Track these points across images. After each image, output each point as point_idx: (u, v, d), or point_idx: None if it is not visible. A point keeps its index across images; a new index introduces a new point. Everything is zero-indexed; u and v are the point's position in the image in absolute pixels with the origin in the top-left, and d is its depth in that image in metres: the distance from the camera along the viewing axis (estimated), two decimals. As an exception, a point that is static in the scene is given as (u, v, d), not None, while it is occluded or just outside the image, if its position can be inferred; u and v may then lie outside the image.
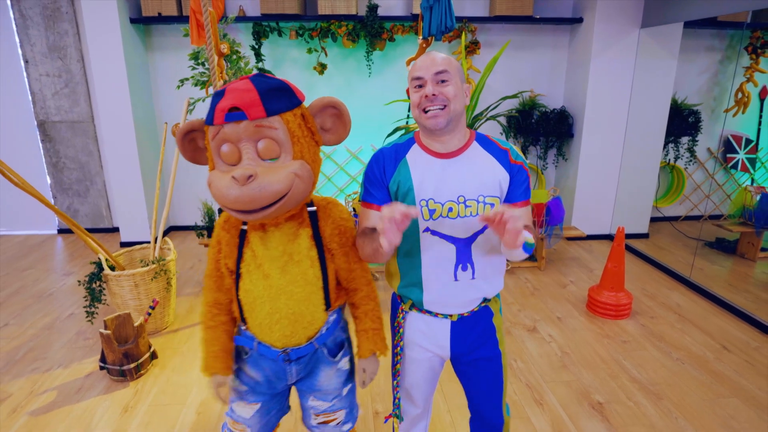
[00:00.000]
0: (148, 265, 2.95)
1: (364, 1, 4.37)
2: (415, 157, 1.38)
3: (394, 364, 1.56)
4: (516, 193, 1.39)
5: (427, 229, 1.36)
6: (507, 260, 1.46)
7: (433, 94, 1.28)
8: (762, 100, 4.98)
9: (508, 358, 2.61)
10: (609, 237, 4.82)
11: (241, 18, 4.23)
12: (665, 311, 3.36)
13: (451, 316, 1.44)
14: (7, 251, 4.55)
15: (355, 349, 1.53)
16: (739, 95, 4.87)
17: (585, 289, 3.64)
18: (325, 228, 1.36)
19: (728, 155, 5.15)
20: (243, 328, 1.43)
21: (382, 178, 1.40)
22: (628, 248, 4.56)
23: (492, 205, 1.34)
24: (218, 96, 1.18)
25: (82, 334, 3.07)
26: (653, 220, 5.08)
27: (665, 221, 5.26)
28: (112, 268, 2.92)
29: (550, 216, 3.78)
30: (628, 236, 4.78)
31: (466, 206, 1.33)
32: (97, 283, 2.88)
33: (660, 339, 3.01)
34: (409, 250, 1.41)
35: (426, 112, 1.31)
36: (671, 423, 2.28)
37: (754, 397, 2.46)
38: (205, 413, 2.35)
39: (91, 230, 5.02)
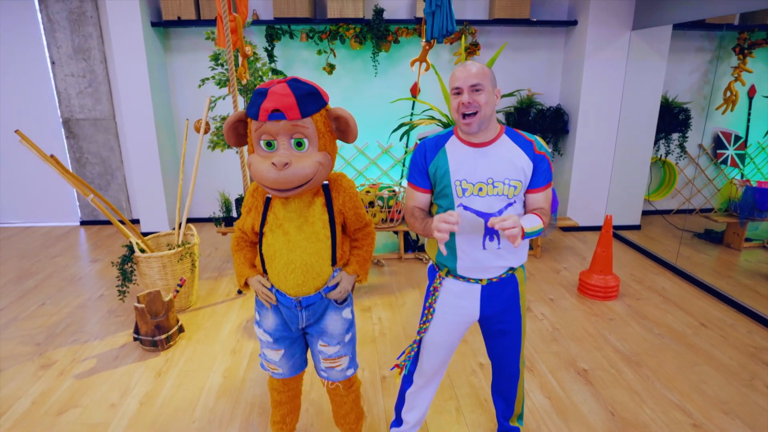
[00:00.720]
0: (174, 248, 3.23)
1: (371, 5, 4.65)
2: (452, 146, 1.67)
3: (423, 322, 1.82)
4: (539, 179, 1.66)
5: (460, 205, 1.64)
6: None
7: (469, 102, 1.56)
8: (750, 99, 5.21)
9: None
10: (601, 228, 5.07)
11: (255, 21, 4.51)
12: (651, 294, 3.62)
13: (481, 280, 1.72)
14: (35, 241, 4.84)
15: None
16: (728, 94, 5.11)
17: (577, 275, 3.90)
18: (336, 197, 1.66)
19: (718, 151, 5.39)
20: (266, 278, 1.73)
21: (424, 164, 1.70)
22: (621, 239, 4.82)
23: (515, 187, 1.61)
24: (261, 96, 1.45)
25: (114, 312, 3.35)
26: (646, 213, 5.34)
27: (658, 214, 5.51)
28: (142, 252, 3.20)
29: (544, 206, 4.04)
30: (621, 227, 5.04)
31: (494, 187, 1.61)
32: (129, 264, 3.16)
33: (644, 317, 3.27)
34: None
35: (463, 117, 1.59)
36: (648, 386, 2.54)
37: (725, 365, 2.72)
38: (230, 377, 2.62)
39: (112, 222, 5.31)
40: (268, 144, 1.50)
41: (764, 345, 2.93)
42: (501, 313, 1.77)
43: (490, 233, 1.64)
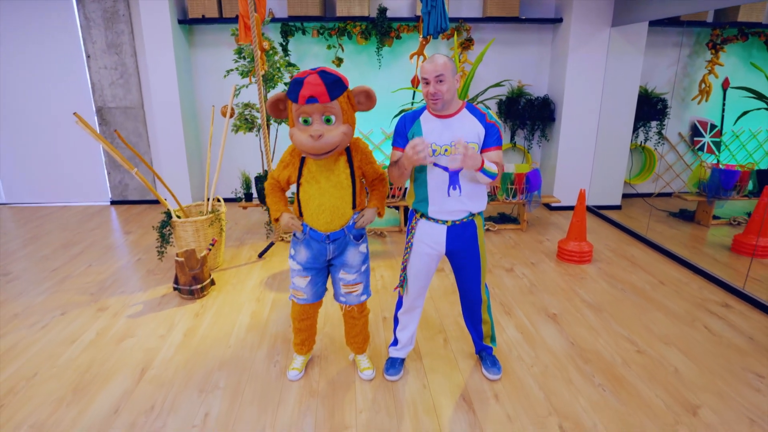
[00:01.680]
0: (205, 215, 3.75)
1: (376, 4, 5.15)
2: (425, 118, 2.19)
3: (406, 254, 2.35)
4: (490, 141, 2.17)
5: (432, 162, 2.14)
6: (488, 197, 2.24)
7: (434, 92, 2.08)
8: (724, 90, 5.68)
9: (487, 265, 3.35)
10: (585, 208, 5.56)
11: (272, 19, 5.02)
12: (621, 259, 4.12)
13: (446, 222, 2.23)
14: (72, 217, 5.38)
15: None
16: (703, 85, 5.58)
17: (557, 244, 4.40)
18: (355, 155, 2.18)
19: (695, 138, 5.86)
20: (300, 219, 2.24)
21: (404, 130, 2.22)
22: (602, 216, 5.31)
23: (473, 148, 2.10)
24: (299, 84, 1.94)
25: (152, 272, 3.88)
26: (629, 196, 5.82)
27: (639, 197, 5.99)
28: (178, 218, 3.72)
29: (529, 184, 4.54)
30: (603, 207, 5.53)
31: (455, 147, 2.11)
32: (167, 228, 3.68)
33: (611, 277, 3.77)
34: (420, 178, 2.21)
35: (430, 100, 2.11)
36: (605, 325, 3.05)
37: (673, 312, 3.22)
38: (256, 317, 3.15)
39: (139, 202, 5.86)
40: (305, 121, 2.00)
41: (710, 298, 3.42)
42: (462, 249, 2.28)
43: (454, 183, 2.14)
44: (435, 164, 2.15)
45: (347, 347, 2.65)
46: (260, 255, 4.15)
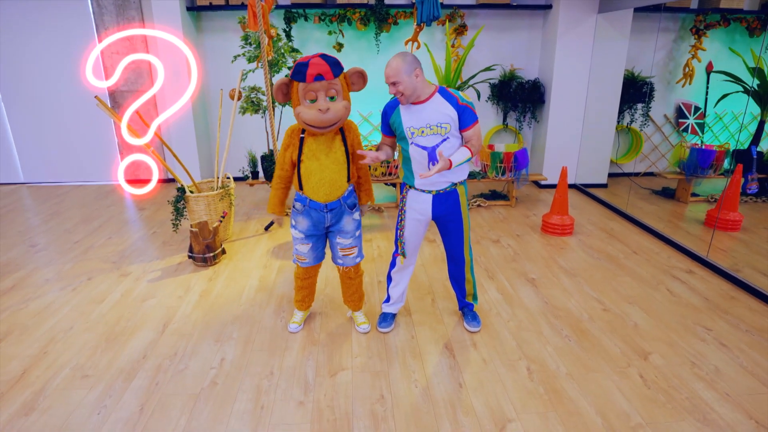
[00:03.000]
0: (216, 190, 4.08)
1: (374, -9, 5.41)
2: (403, 106, 2.49)
3: (399, 221, 2.68)
4: (465, 121, 2.46)
5: (412, 143, 2.47)
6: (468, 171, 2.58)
7: (394, 93, 2.40)
8: (708, 73, 5.94)
9: (470, 228, 3.64)
10: (573, 186, 5.88)
11: (276, 6, 5.29)
12: (600, 232, 4.45)
13: (431, 191, 2.56)
14: (88, 195, 5.73)
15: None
16: (686, 69, 5.85)
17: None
18: (348, 135, 2.50)
19: (680, 120, 6.14)
20: (300, 192, 2.55)
21: (386, 119, 2.55)
22: (588, 194, 5.62)
23: (446, 128, 2.42)
24: (305, 66, 2.25)
25: (167, 243, 4.23)
26: (615, 175, 6.12)
27: (626, 176, 6.28)
28: (191, 193, 4.05)
29: (517, 162, 4.85)
30: (590, 185, 5.84)
31: (430, 129, 2.44)
32: (181, 202, 4.02)
33: (590, 247, 4.10)
34: (406, 156, 2.54)
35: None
36: (578, 288, 3.39)
37: (641, 276, 3.56)
38: (263, 281, 3.50)
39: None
40: (312, 101, 2.31)
41: (677, 265, 3.76)
42: (447, 214, 2.62)
43: (433, 160, 2.46)
44: (415, 144, 2.46)
45: (345, 306, 2.99)
46: (266, 228, 4.49)
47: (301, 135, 2.47)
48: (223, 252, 3.89)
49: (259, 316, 3.04)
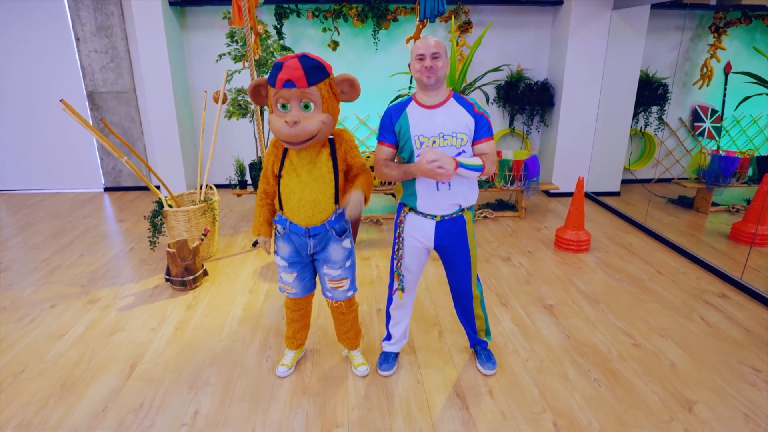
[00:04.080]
0: (198, 204, 3.69)
1: (371, -15, 5.02)
2: (412, 109, 2.11)
3: (396, 249, 2.29)
4: (480, 132, 2.10)
5: (419, 155, 2.07)
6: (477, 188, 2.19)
7: (431, 66, 2.01)
8: (726, 75, 5.58)
9: (477, 258, 3.28)
10: (584, 194, 5.51)
11: (266, 1, 4.89)
12: (618, 248, 4.08)
13: (435, 217, 2.17)
14: (64, 204, 5.32)
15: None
16: (704, 70, 5.48)
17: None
18: (339, 148, 2.10)
19: (695, 123, 5.78)
20: (280, 213, 2.17)
21: (390, 124, 2.14)
22: (600, 203, 5.26)
23: (462, 139, 2.05)
24: (278, 68, 1.88)
25: (144, 262, 3.83)
26: (628, 182, 5.75)
27: (638, 183, 5.92)
28: (170, 207, 3.66)
29: (527, 171, 4.47)
30: (602, 194, 5.48)
31: (444, 139, 2.05)
32: (159, 218, 3.62)
33: (609, 266, 3.73)
34: None
35: (424, 74, 2.03)
36: (602, 317, 3.02)
37: (670, 303, 3.19)
38: (249, 309, 3.11)
39: (133, 188, 5.79)
40: (283, 106, 1.92)
41: (708, 288, 3.39)
42: (451, 245, 2.23)
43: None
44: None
45: (339, 343, 2.61)
46: (254, 244, 4.10)
47: (286, 146, 2.09)
48: (205, 274, 3.49)
49: (241, 354, 2.65)
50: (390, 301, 2.46)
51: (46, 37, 5.30)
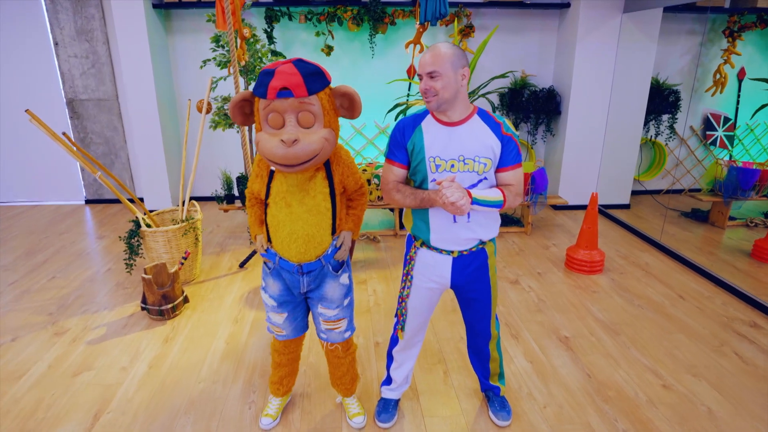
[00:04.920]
0: (179, 223, 3.38)
1: (368, -13, 4.74)
2: (428, 125, 1.80)
3: (403, 288, 1.98)
4: (507, 159, 1.80)
5: (433, 180, 1.77)
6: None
7: (425, 89, 1.71)
8: (740, 81, 5.32)
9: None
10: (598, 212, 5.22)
11: (255, 3, 4.60)
12: (634, 268, 3.79)
13: (452, 252, 1.86)
14: (42, 218, 4.99)
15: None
16: (717, 76, 5.22)
17: (565, 251, 4.06)
18: (336, 169, 1.80)
19: (707, 132, 5.51)
20: (268, 246, 1.87)
21: (402, 140, 1.82)
22: (610, 217, 4.97)
23: (485, 164, 1.74)
24: (269, 75, 1.57)
25: (121, 285, 3.52)
26: (637, 193, 5.48)
27: (648, 194, 5.65)
28: (148, 227, 3.35)
29: (534, 185, 4.18)
30: (611, 207, 5.19)
31: (465, 163, 1.75)
32: (135, 238, 3.31)
33: (626, 290, 3.44)
34: None
35: (425, 96, 1.74)
36: (624, 351, 2.72)
37: (697, 333, 2.89)
38: (232, 343, 2.80)
39: (116, 201, 5.47)
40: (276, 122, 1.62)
41: (737, 316, 3.10)
42: (470, 282, 1.92)
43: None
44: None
45: (333, 389, 2.30)
46: (242, 265, 3.79)
47: (272, 167, 1.79)
48: (186, 301, 3.18)
49: (222, 399, 2.34)
50: (393, 342, 2.15)
51: (22, 41, 4.99)
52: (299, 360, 2.21)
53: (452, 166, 1.75)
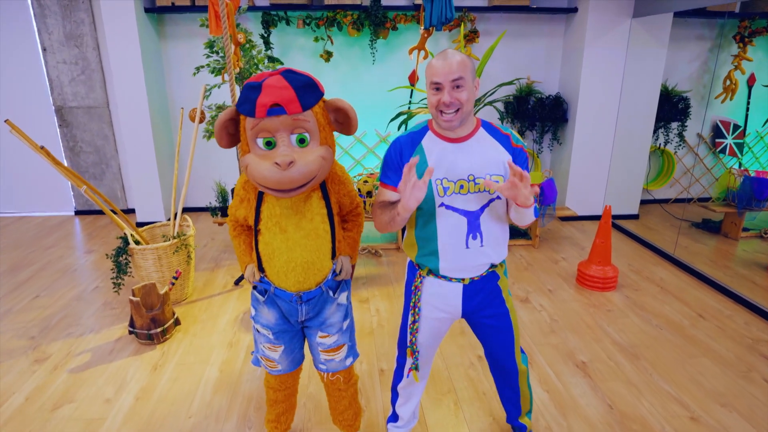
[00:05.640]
0: (169, 240, 3.19)
1: (368, -9, 4.57)
2: (429, 142, 1.61)
3: (410, 322, 1.78)
4: None
5: (441, 204, 1.59)
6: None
7: (450, 101, 1.49)
8: (750, 87, 5.17)
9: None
10: (600, 218, 5.05)
11: (251, 8, 4.43)
12: (649, 284, 3.61)
13: (463, 280, 1.68)
14: (29, 231, 4.79)
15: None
16: (728, 82, 5.07)
17: (576, 265, 3.89)
18: (332, 188, 1.63)
19: (717, 140, 5.36)
20: (261, 276, 1.68)
21: (399, 162, 1.63)
22: (619, 228, 4.81)
23: (497, 182, 1.55)
24: (255, 90, 1.39)
25: (109, 305, 3.32)
26: (644, 202, 5.31)
27: (656, 203, 5.49)
28: (137, 243, 3.16)
29: (543, 196, 4.01)
30: (619, 217, 5.03)
31: (476, 183, 1.57)
32: (123, 256, 3.12)
33: (642, 308, 3.26)
34: (426, 224, 1.64)
35: (442, 113, 1.52)
36: (646, 378, 2.54)
37: (722, 357, 2.72)
38: (226, 371, 2.61)
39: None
40: (267, 143, 1.44)
41: (761, 336, 2.93)
42: (483, 309, 1.73)
43: (473, 231, 1.60)
44: (447, 207, 1.59)
45: (334, 425, 2.11)
46: (237, 282, 3.60)
47: (261, 190, 1.60)
48: (177, 323, 2.99)
49: (214, 437, 2.15)
50: (398, 378, 1.96)
51: (9, 47, 4.80)
52: (296, 394, 2.02)
53: (461, 187, 1.57)
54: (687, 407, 2.33)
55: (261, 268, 1.66)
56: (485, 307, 1.74)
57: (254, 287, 1.73)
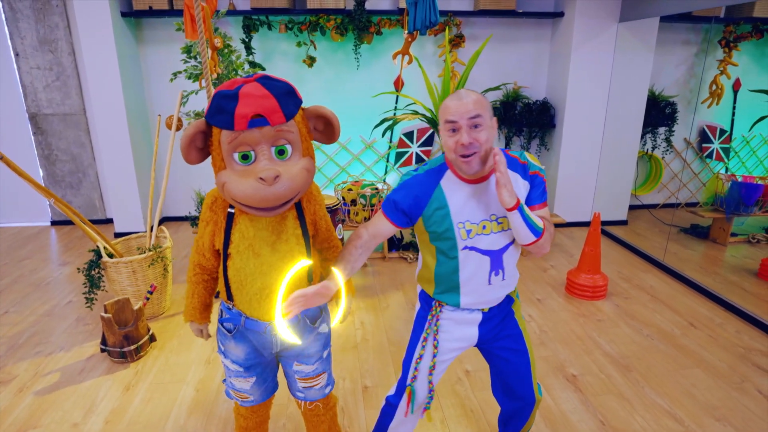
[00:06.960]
0: (145, 252, 3.07)
1: (352, -5, 4.49)
2: (449, 183, 1.50)
3: (424, 355, 1.65)
4: (534, 197, 1.53)
5: (465, 247, 1.49)
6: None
7: (470, 143, 1.38)
8: (735, 92, 5.17)
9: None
10: (589, 224, 5.00)
11: (232, 12, 4.32)
12: (639, 292, 3.55)
13: (483, 309, 1.60)
14: (2, 242, 4.63)
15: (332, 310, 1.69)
16: (714, 87, 5.06)
17: (564, 273, 3.82)
18: (308, 207, 1.52)
19: (703, 145, 5.36)
20: (229, 306, 1.55)
21: (412, 205, 1.50)
22: (607, 234, 4.76)
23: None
24: (231, 99, 1.26)
25: (82, 320, 3.18)
26: (632, 207, 5.28)
27: (644, 209, 5.46)
28: (111, 256, 3.03)
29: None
30: (608, 223, 4.98)
31: (498, 223, 1.49)
32: (96, 270, 2.99)
33: (632, 317, 3.19)
34: (446, 264, 1.54)
35: (463, 157, 1.41)
36: (638, 391, 2.46)
37: (715, 367, 2.65)
38: (203, 390, 2.49)
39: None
40: (245, 156, 1.32)
41: (753, 345, 2.87)
42: (498, 334, 1.65)
43: (496, 268, 1.52)
44: (471, 248, 1.50)
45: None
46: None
47: (230, 209, 1.47)
48: (152, 339, 2.86)
49: (187, 464, 2.03)
50: (389, 415, 1.78)
51: (-19, 52, 4.65)
52: (269, 420, 1.91)
53: (484, 227, 1.48)
54: (681, 422, 2.26)
55: (230, 297, 1.54)
56: (499, 332, 1.66)
57: (220, 322, 1.61)
